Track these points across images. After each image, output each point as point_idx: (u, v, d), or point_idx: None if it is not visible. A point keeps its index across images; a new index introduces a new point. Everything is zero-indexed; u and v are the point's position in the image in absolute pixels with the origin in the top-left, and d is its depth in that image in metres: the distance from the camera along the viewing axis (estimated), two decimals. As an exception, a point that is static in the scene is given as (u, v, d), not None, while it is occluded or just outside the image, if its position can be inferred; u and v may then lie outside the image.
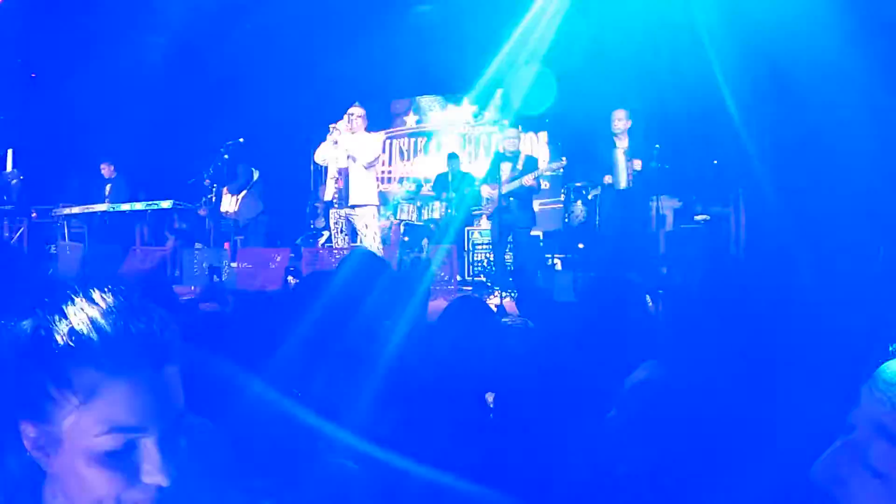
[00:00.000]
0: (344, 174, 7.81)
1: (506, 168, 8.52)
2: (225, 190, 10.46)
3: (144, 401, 0.98)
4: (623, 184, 8.12)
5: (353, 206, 7.81)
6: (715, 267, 3.39)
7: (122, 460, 0.97)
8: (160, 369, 1.01)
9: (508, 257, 8.18)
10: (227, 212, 10.50)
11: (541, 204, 9.67)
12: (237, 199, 10.61)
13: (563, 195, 10.88)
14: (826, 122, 6.62)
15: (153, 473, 0.98)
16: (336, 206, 7.89)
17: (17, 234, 11.45)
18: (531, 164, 8.58)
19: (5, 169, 12.25)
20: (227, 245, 10.64)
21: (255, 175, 10.70)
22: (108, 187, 11.42)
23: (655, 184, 8.30)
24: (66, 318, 0.99)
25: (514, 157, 8.60)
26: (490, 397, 2.49)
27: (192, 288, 7.58)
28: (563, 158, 8.98)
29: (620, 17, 9.32)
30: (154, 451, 0.99)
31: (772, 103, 7.32)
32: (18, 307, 1.02)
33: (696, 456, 1.34)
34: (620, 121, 8.35)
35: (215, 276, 5.89)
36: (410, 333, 2.45)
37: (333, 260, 7.47)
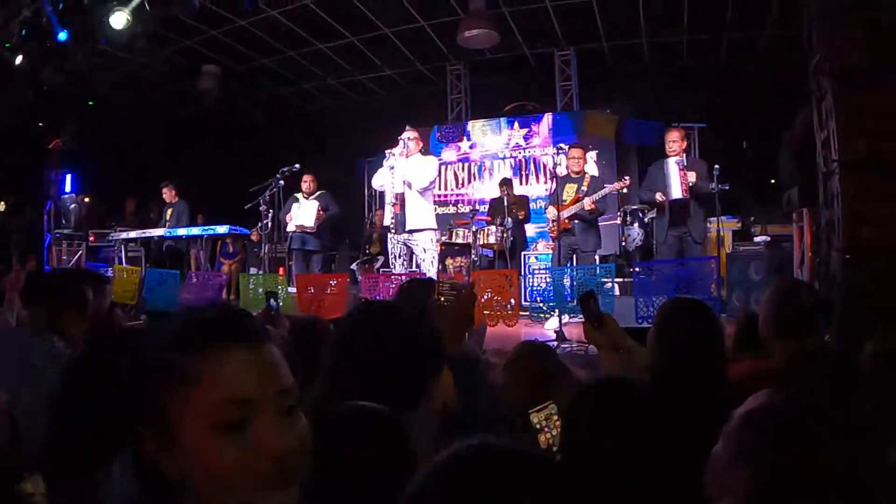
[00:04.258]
0: (401, 199, 7.78)
1: (570, 189, 8.41)
2: (302, 195, 10.11)
3: (248, 373, 1.00)
4: (677, 194, 7.83)
5: (410, 231, 7.77)
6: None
7: (243, 433, 0.98)
8: (258, 345, 1.04)
9: (568, 281, 8.00)
10: (301, 226, 10.04)
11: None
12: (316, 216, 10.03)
13: (619, 218, 10.75)
14: None
15: (275, 443, 0.99)
16: (394, 231, 7.84)
17: (76, 257, 11.67)
18: (596, 184, 8.41)
19: (65, 193, 12.49)
20: (281, 270, 10.66)
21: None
22: (169, 211, 11.54)
23: (714, 205, 8.06)
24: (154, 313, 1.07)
25: (580, 177, 8.49)
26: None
27: (252, 313, 7.58)
28: (627, 178, 8.71)
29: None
30: (271, 421, 1.00)
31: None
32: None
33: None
34: (675, 142, 7.99)
35: (273, 301, 5.83)
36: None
37: (392, 286, 7.42)
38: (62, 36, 9.18)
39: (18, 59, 9.38)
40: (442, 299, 2.28)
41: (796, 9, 7.82)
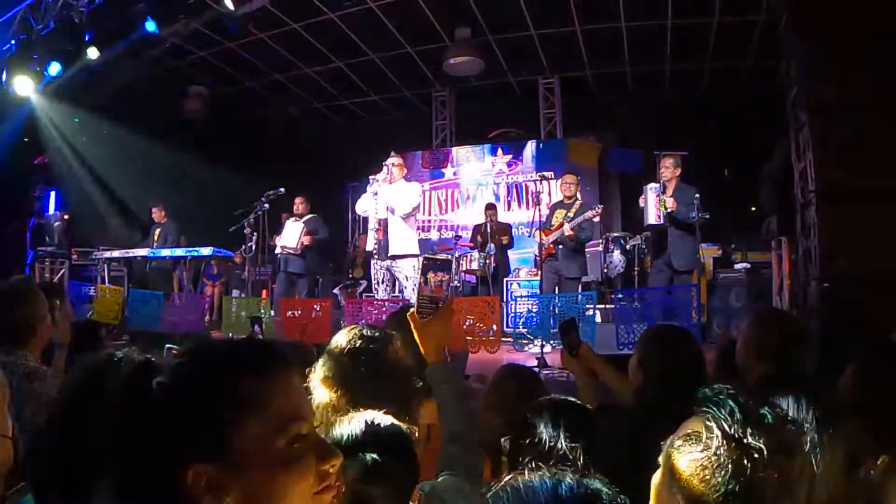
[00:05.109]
0: (384, 225, 7.75)
1: (559, 215, 8.48)
2: (292, 219, 10.10)
3: (298, 394, 1.12)
4: (651, 220, 7.84)
5: (393, 257, 7.73)
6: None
7: (302, 451, 1.06)
8: (293, 371, 1.13)
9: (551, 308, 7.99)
10: (285, 247, 9.92)
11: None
12: (302, 238, 9.92)
13: (601, 245, 10.81)
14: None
15: (329, 454, 1.11)
16: (377, 257, 7.82)
17: (58, 275, 11.59)
18: (583, 210, 8.49)
19: (48, 211, 12.43)
20: (264, 293, 10.64)
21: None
22: (157, 231, 11.51)
23: (696, 233, 8.04)
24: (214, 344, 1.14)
25: (570, 203, 8.56)
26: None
27: (231, 335, 7.55)
28: (600, 207, 8.76)
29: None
30: (320, 437, 1.14)
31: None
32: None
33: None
34: (667, 168, 7.94)
35: (257, 327, 5.82)
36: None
37: (376, 311, 7.42)
38: None
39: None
40: (421, 313, 2.29)
41: (776, 41, 7.98)
